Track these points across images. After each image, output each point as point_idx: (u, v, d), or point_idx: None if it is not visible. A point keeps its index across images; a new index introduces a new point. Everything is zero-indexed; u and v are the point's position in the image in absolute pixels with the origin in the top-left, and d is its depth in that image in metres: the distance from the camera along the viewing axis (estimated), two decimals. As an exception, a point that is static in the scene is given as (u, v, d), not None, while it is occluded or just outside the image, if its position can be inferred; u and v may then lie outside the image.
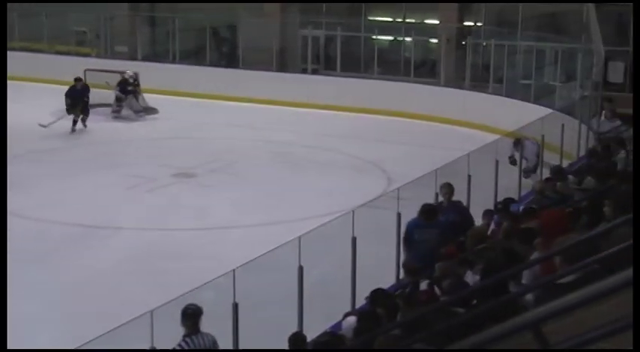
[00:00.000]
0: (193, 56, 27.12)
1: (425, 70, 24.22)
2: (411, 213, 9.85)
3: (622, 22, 22.22)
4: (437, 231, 9.63)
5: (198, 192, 15.54)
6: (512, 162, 14.61)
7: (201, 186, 15.91)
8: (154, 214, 14.18)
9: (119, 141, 19.46)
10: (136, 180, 15.93)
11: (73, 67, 23.29)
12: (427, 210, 9.65)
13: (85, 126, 20.25)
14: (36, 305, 10.26)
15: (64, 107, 20.09)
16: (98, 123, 20.73)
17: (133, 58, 26.31)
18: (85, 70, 22.63)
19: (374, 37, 25.11)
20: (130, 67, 23.15)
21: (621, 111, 17.37)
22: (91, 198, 14.94)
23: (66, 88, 20.41)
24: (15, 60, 24.42)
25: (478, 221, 10.68)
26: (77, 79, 20.63)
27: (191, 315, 7.22)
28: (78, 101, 20.09)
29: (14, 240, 11.34)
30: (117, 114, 21.90)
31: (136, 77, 22.17)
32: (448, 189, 10.34)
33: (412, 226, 9.63)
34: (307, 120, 21.75)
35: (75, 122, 20.10)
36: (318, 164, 17.64)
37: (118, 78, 22.15)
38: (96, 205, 14.55)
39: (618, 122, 16.11)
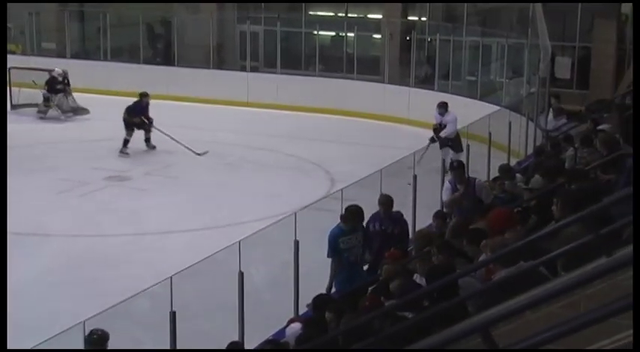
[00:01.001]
0: (126, 53, 26.84)
1: (368, 66, 24.33)
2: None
3: (567, 17, 22.62)
4: (360, 234, 9.52)
5: (133, 196, 15.39)
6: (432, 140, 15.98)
7: (135, 190, 15.76)
8: (86, 220, 13.99)
9: (47, 144, 19.15)
10: (66, 184, 15.71)
11: (-3, 65, 22.91)
12: (350, 214, 9.41)
13: (152, 146, 18.50)
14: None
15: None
16: (23, 124, 20.38)
17: (62, 56, 25.95)
18: (10, 68, 22.28)
19: (315, 32, 25.17)
20: (58, 65, 22.83)
21: (569, 108, 17.70)
22: (15, 204, 14.61)
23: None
24: None
25: (425, 222, 10.77)
26: (144, 95, 18.59)
27: (97, 341, 7.04)
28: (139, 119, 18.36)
29: None
30: (43, 115, 21.58)
31: (65, 75, 21.89)
32: (386, 200, 10.19)
33: (336, 235, 9.40)
34: (247, 119, 21.69)
35: (126, 142, 18.23)
36: (258, 165, 17.60)
37: (45, 76, 21.84)
38: (22, 211, 14.26)
39: (564, 119, 16.39)
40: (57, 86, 21.60)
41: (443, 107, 16.58)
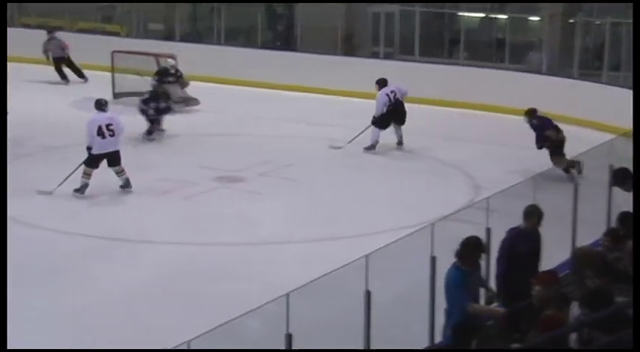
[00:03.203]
0: (242, 36, 27.25)
1: (522, 54, 24.00)
2: (503, 229, 9.73)
3: None
4: (479, 273, 9.21)
5: (245, 200, 15.57)
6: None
7: (248, 193, 15.93)
8: (192, 225, 14.23)
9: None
10: (171, 184, 16.01)
11: (98, 47, 23.68)
12: (471, 250, 8.83)
13: None
14: (39, 335, 10.28)
15: None
16: (123, 116, 20.85)
17: (170, 38, 26.55)
18: (113, 52, 22.88)
19: (460, 13, 24.98)
20: (166, 48, 23.29)
21: None
22: (113, 206, 15.06)
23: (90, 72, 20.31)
24: (29, 39, 24.86)
25: (585, 240, 10.52)
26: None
27: None
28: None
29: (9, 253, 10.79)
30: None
31: (177, 67, 21.89)
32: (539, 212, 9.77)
33: (461, 283, 8.71)
34: (378, 114, 21.68)
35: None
36: (390, 168, 17.58)
37: (151, 62, 22.16)
38: (119, 214, 14.66)
39: None
40: (168, 78, 21.63)
41: (377, 84, 18.98)
